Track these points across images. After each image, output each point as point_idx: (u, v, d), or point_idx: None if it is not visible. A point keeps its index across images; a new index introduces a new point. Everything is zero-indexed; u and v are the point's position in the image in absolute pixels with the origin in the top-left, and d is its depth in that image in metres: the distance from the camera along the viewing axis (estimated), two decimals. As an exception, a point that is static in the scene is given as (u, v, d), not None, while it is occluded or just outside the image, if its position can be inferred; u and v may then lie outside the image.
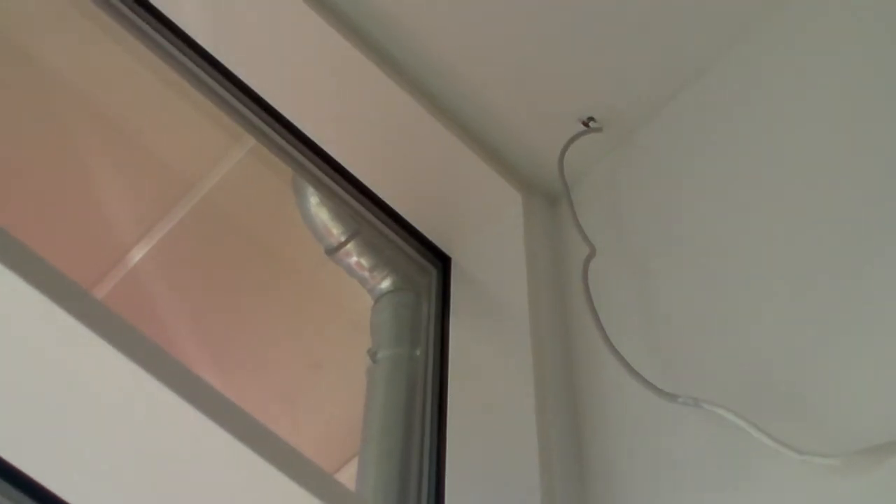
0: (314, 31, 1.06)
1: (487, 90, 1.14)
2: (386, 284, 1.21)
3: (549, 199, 1.21)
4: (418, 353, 1.10)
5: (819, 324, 0.77)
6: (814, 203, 0.86)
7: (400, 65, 1.11)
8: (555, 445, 0.86)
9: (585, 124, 1.14)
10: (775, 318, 0.81)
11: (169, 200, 1.38)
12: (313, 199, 1.22)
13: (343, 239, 1.21)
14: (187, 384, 0.60)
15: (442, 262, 1.21)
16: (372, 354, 1.12)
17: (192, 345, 1.46)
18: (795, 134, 0.94)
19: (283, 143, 1.14)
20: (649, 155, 1.12)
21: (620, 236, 1.05)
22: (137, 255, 1.43)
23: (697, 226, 0.96)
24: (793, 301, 0.80)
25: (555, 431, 0.87)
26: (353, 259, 1.22)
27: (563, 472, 0.84)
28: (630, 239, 1.04)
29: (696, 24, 1.08)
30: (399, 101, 1.10)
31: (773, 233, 0.87)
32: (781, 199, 0.90)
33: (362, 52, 1.07)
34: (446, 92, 1.14)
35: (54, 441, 0.60)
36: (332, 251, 1.22)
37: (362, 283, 1.24)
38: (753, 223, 0.90)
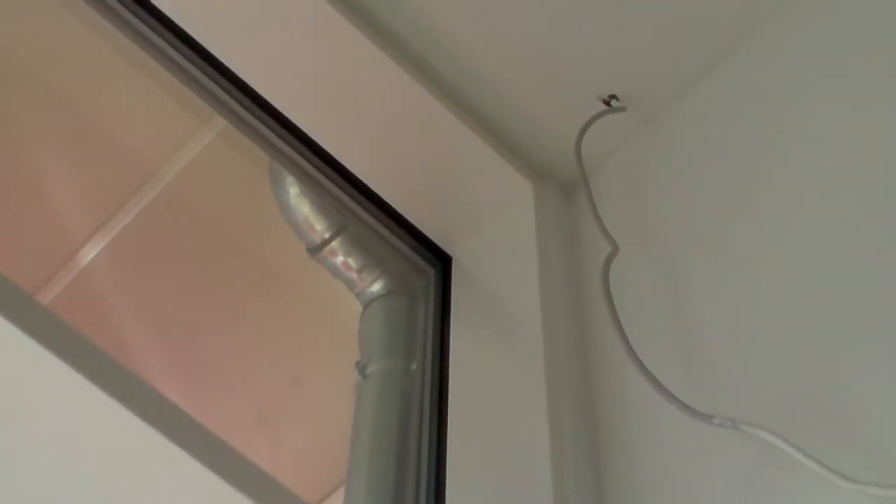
0: (294, -3, 1.06)
1: (493, 64, 1.13)
2: (377, 287, 1.21)
3: (564, 188, 1.21)
4: (414, 366, 1.11)
5: (875, 336, 0.76)
6: (874, 193, 0.85)
7: (392, 35, 1.11)
8: (571, 472, 0.85)
9: (607, 103, 1.14)
10: (825, 330, 0.80)
11: (126, 190, 1.38)
12: (293, 190, 1.22)
13: (327, 235, 1.21)
14: (148, 404, 0.60)
15: (441, 261, 1.21)
16: (361, 368, 1.12)
17: (153, 358, 1.47)
18: (846, 113, 0.94)
19: (258, 124, 1.13)
20: (680, 138, 1.11)
21: (646, 232, 1.05)
22: (89, 253, 1.43)
23: (735, 221, 0.96)
24: (845, 310, 0.80)
25: (571, 456, 0.87)
26: (339, 258, 1.22)
27: (581, 503, 0.84)
28: (657, 235, 1.03)
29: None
30: (392, 77, 1.09)
31: (825, 230, 0.87)
32: (832, 189, 0.89)
33: (350, 21, 1.07)
34: (446, 67, 1.13)
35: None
36: (315, 249, 1.22)
37: (349, 286, 1.24)
38: (802, 218, 0.90)
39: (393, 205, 1.19)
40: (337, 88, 1.12)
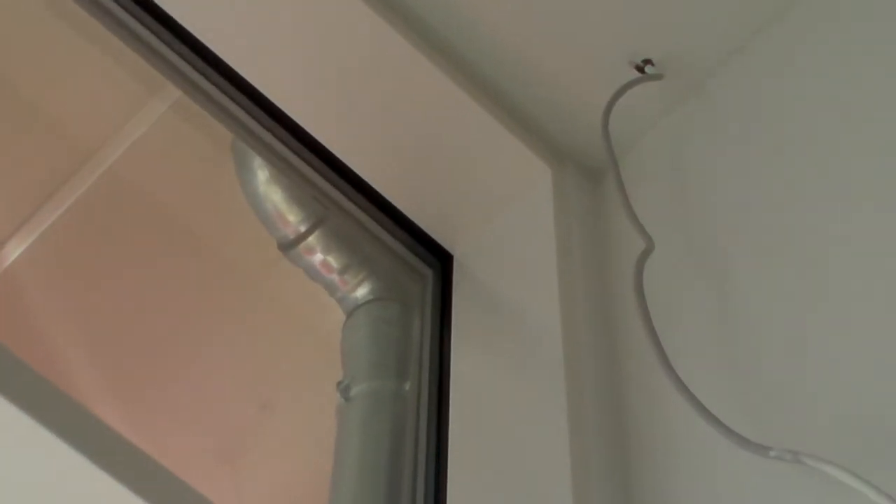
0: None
1: (502, 21, 1.13)
2: (362, 292, 1.21)
3: (589, 173, 1.21)
4: (407, 386, 1.11)
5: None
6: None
7: (381, -13, 1.11)
8: (598, 515, 0.86)
9: (640, 69, 1.14)
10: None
11: (57, 176, 1.38)
12: (262, 174, 1.22)
13: (303, 229, 1.21)
14: (85, 431, 0.59)
15: (440, 261, 1.21)
16: (343, 389, 1.12)
17: (91, 377, 1.46)
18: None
19: (218, 95, 1.14)
20: (728, 111, 1.11)
21: (687, 225, 1.05)
22: (13, 252, 1.43)
23: (796, 211, 0.96)
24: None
25: (599, 495, 0.87)
26: (318, 257, 1.22)
27: (609, 553, 0.84)
28: (701, 229, 1.03)
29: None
30: (382, 37, 1.09)
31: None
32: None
33: (329, -31, 1.07)
34: (443, 24, 1.13)
35: None
36: (289, 246, 1.23)
37: (330, 290, 1.24)
38: (879, 209, 0.90)
39: (382, 193, 1.19)
40: (314, 52, 1.11)
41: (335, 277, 1.22)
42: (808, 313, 0.88)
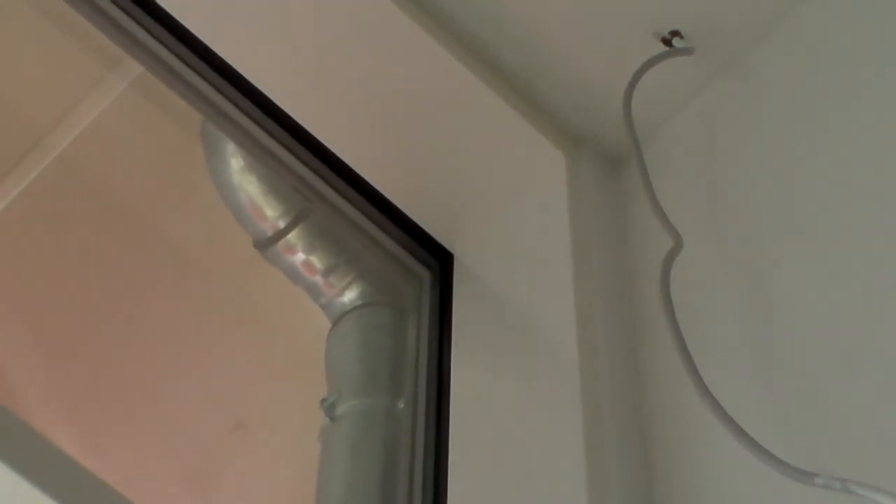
0: None
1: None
2: (350, 296, 1.21)
3: (608, 161, 1.21)
4: (401, 403, 1.11)
5: None
6: None
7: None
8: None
9: (667, 42, 1.14)
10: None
11: (3, 161, 1.37)
12: (235, 162, 1.22)
13: (283, 225, 1.22)
14: (33, 455, 0.59)
15: (439, 260, 1.21)
16: (328, 407, 1.12)
17: (43, 392, 1.46)
18: None
19: (187, 72, 1.13)
20: (767, 91, 1.11)
21: (719, 220, 1.05)
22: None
23: (844, 206, 0.95)
24: None
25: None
26: (299, 256, 1.22)
27: None
28: (734, 225, 1.03)
29: None
30: (372, 5, 1.09)
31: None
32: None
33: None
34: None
35: None
36: (266, 244, 1.23)
37: (313, 294, 1.24)
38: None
39: (373, 183, 1.19)
40: (297, 22, 1.11)
41: (319, 280, 1.22)
42: (856, 321, 0.88)
